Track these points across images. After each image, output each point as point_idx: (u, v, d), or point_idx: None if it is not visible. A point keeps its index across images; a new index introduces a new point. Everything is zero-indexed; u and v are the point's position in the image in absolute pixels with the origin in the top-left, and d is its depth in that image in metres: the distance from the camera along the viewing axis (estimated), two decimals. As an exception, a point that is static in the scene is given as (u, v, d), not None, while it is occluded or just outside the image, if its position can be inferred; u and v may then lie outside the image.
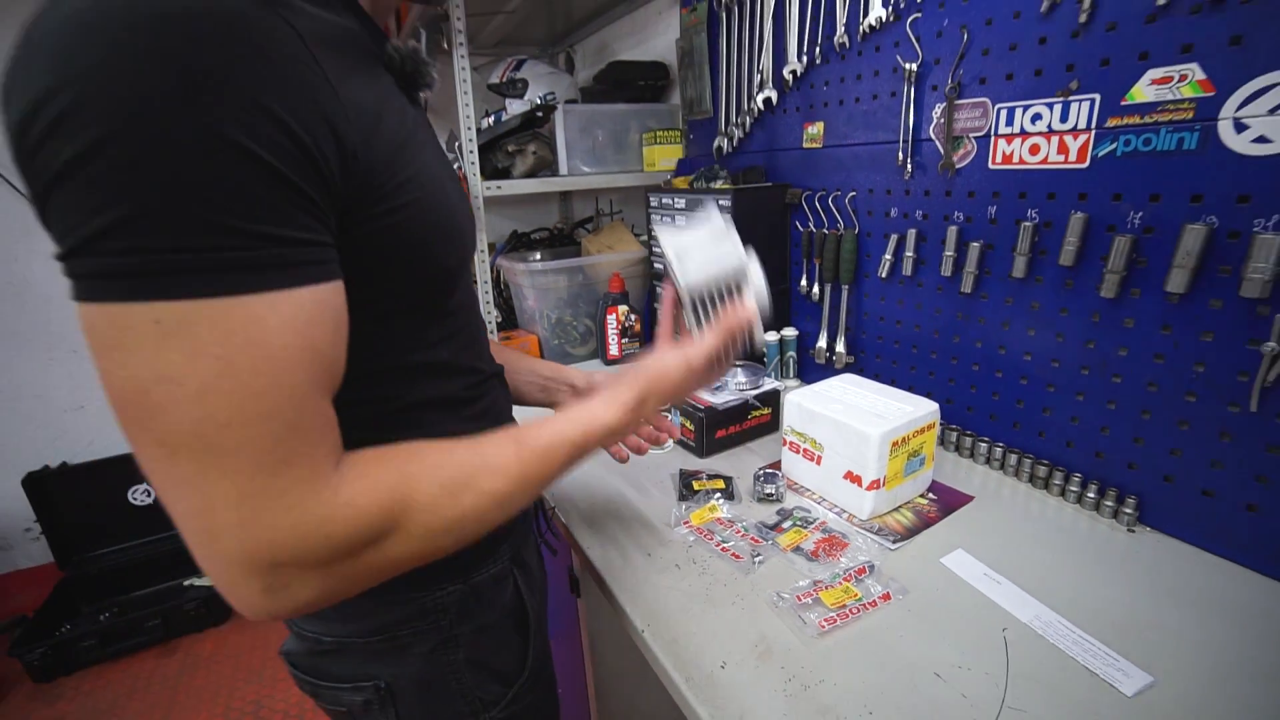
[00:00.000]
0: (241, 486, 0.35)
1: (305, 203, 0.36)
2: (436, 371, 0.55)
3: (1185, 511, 0.81)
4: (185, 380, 0.33)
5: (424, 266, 0.49)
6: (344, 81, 0.40)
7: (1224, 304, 0.72)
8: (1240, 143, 0.68)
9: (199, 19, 0.32)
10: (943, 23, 0.97)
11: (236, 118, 0.33)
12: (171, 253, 0.32)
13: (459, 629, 0.62)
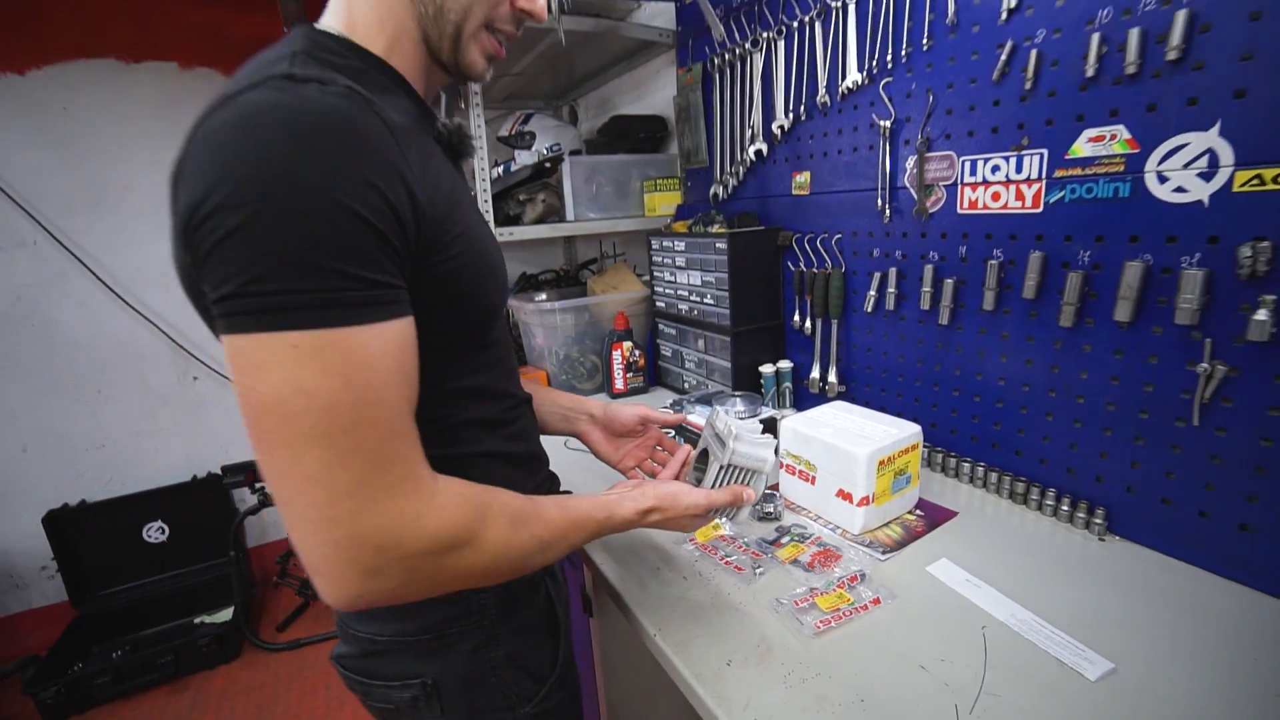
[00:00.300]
0: (357, 480, 0.44)
1: (394, 254, 0.46)
2: (479, 395, 0.64)
3: (1147, 519, 0.88)
4: (317, 393, 0.42)
5: (471, 304, 0.59)
6: (414, 157, 0.51)
7: (1164, 330, 0.82)
8: (1164, 192, 0.79)
9: (321, 122, 0.43)
10: (911, 86, 1.10)
11: (350, 191, 0.43)
12: (304, 293, 0.42)
13: (499, 628, 0.69)
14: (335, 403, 0.43)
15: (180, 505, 2.40)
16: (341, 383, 0.43)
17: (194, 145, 0.44)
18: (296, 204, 0.41)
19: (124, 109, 2.14)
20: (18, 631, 2.24)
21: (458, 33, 0.59)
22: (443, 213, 0.53)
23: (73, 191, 2.11)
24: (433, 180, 0.53)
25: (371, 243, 0.44)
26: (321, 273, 0.42)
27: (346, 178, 0.43)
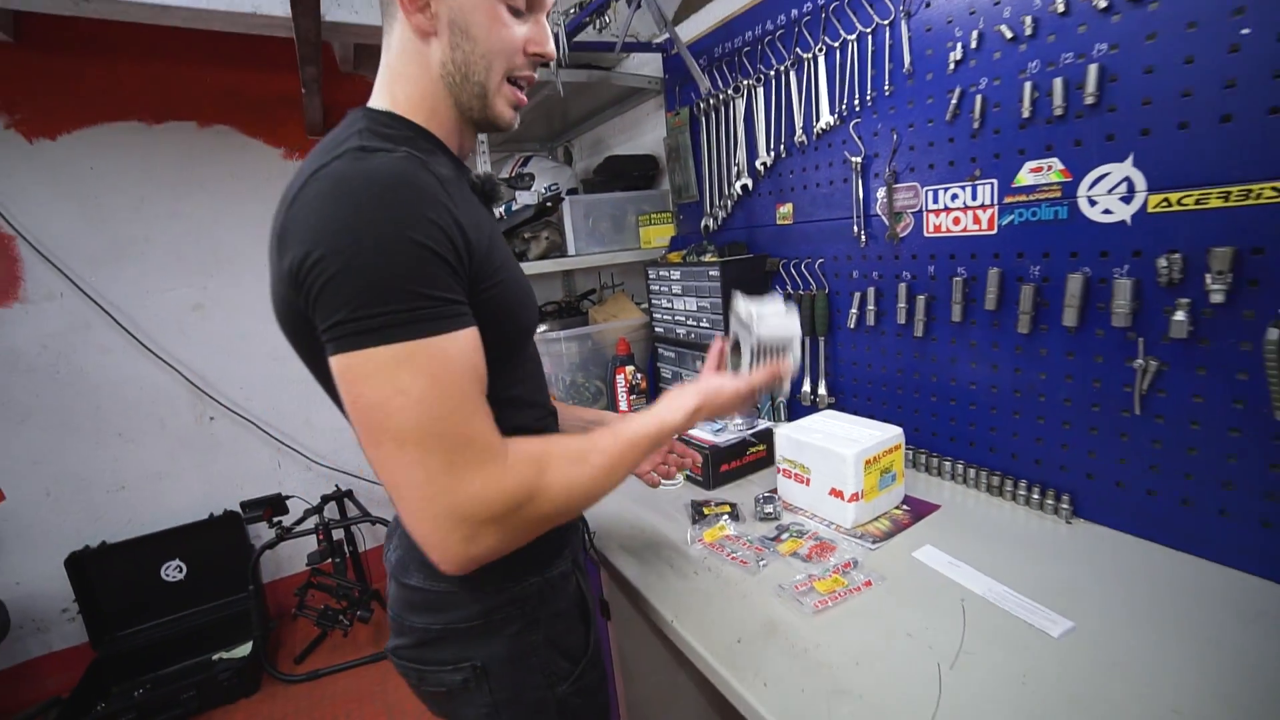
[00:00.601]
0: (449, 459, 0.55)
1: (456, 277, 0.58)
2: (516, 404, 0.75)
3: (1106, 502, 0.99)
4: (411, 391, 0.53)
5: (512, 324, 0.70)
6: (460, 204, 0.62)
7: (1105, 332, 0.94)
8: (1095, 213, 0.91)
9: (390, 181, 0.55)
10: (877, 126, 1.23)
11: (418, 230, 0.55)
12: (394, 313, 0.53)
13: (539, 613, 0.78)
14: (426, 397, 0.54)
15: (197, 544, 2.45)
16: (429, 381, 0.54)
17: (294, 211, 0.56)
18: (380, 246, 0.53)
19: (146, 166, 2.27)
20: (37, 675, 2.26)
21: (484, 91, 0.70)
22: (485, 249, 0.65)
23: (97, 245, 2.23)
24: (475, 222, 0.65)
25: (440, 268, 0.56)
26: (406, 296, 0.54)
27: (414, 220, 0.55)
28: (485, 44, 0.68)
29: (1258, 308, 0.78)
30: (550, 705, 0.80)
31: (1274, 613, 0.76)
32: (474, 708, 0.77)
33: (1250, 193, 0.76)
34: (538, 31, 0.71)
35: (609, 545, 1.11)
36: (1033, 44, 0.95)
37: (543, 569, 0.79)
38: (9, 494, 2.17)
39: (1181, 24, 0.79)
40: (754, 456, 1.35)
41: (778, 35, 1.40)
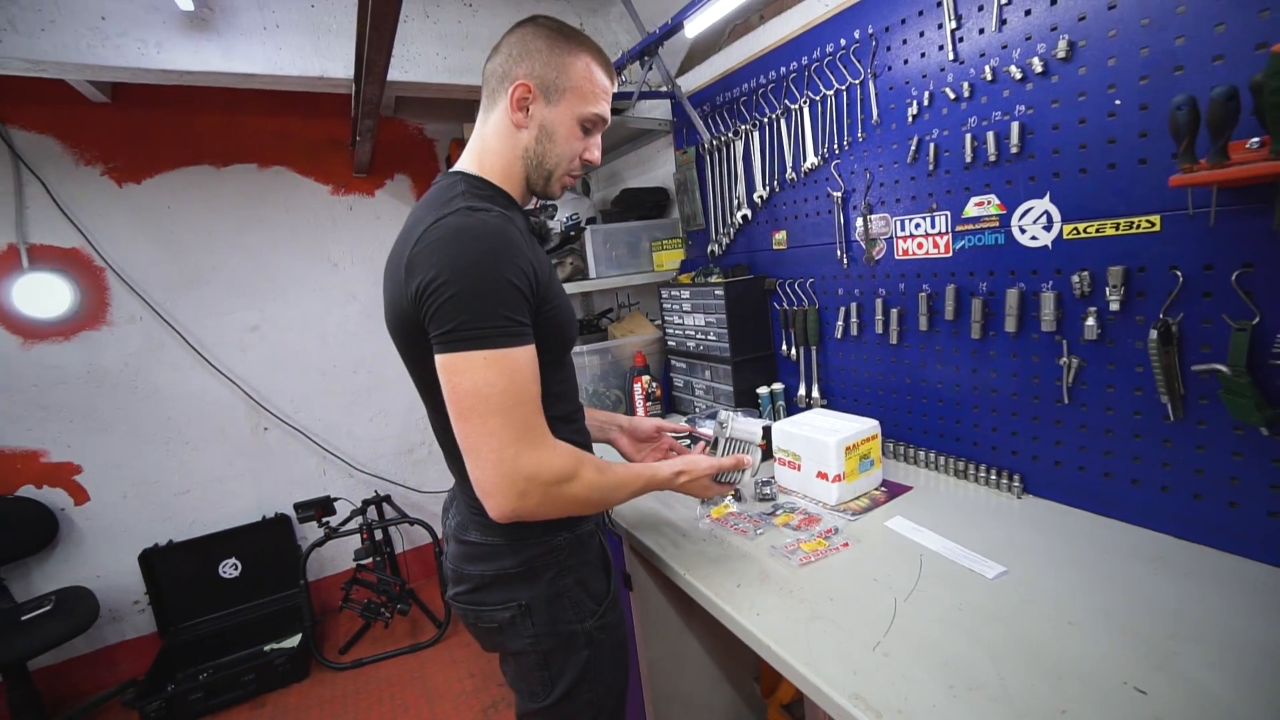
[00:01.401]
0: (516, 436, 0.77)
1: (527, 306, 0.81)
2: (561, 398, 0.97)
3: (1048, 480, 1.18)
4: (496, 384, 0.76)
5: (559, 338, 0.92)
6: (531, 247, 0.85)
7: (1039, 336, 1.14)
8: (1025, 239, 1.12)
9: (494, 235, 0.78)
10: (854, 166, 1.46)
11: (511, 272, 0.78)
12: (489, 329, 0.75)
13: (570, 561, 0.98)
14: (505, 390, 0.76)
15: (251, 543, 2.68)
16: (508, 379, 0.77)
17: (418, 248, 0.79)
18: (484, 281, 0.76)
19: (214, 204, 2.55)
20: (112, 662, 2.49)
21: (550, 176, 0.95)
22: (545, 281, 0.87)
23: (172, 274, 2.50)
24: (539, 260, 0.87)
25: (520, 300, 0.79)
26: (498, 318, 0.76)
27: (508, 265, 0.78)
28: (562, 147, 0.93)
29: (1146, 314, 0.98)
30: (580, 636, 0.97)
31: (1167, 556, 0.95)
32: (520, 639, 0.96)
33: (1132, 224, 0.96)
34: (593, 146, 0.97)
35: (635, 527, 1.32)
36: (970, 103, 1.17)
37: (574, 528, 0.97)
38: (92, 495, 2.43)
39: (1075, 93, 1.01)
40: (755, 450, 1.55)
41: (769, 88, 1.64)
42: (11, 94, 2.19)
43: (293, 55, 1.79)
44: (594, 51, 0.94)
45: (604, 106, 0.95)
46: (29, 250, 2.28)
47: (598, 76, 0.93)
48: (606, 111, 0.95)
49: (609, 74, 0.95)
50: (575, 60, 0.91)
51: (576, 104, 0.91)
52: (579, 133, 0.93)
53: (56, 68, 1.65)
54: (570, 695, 0.96)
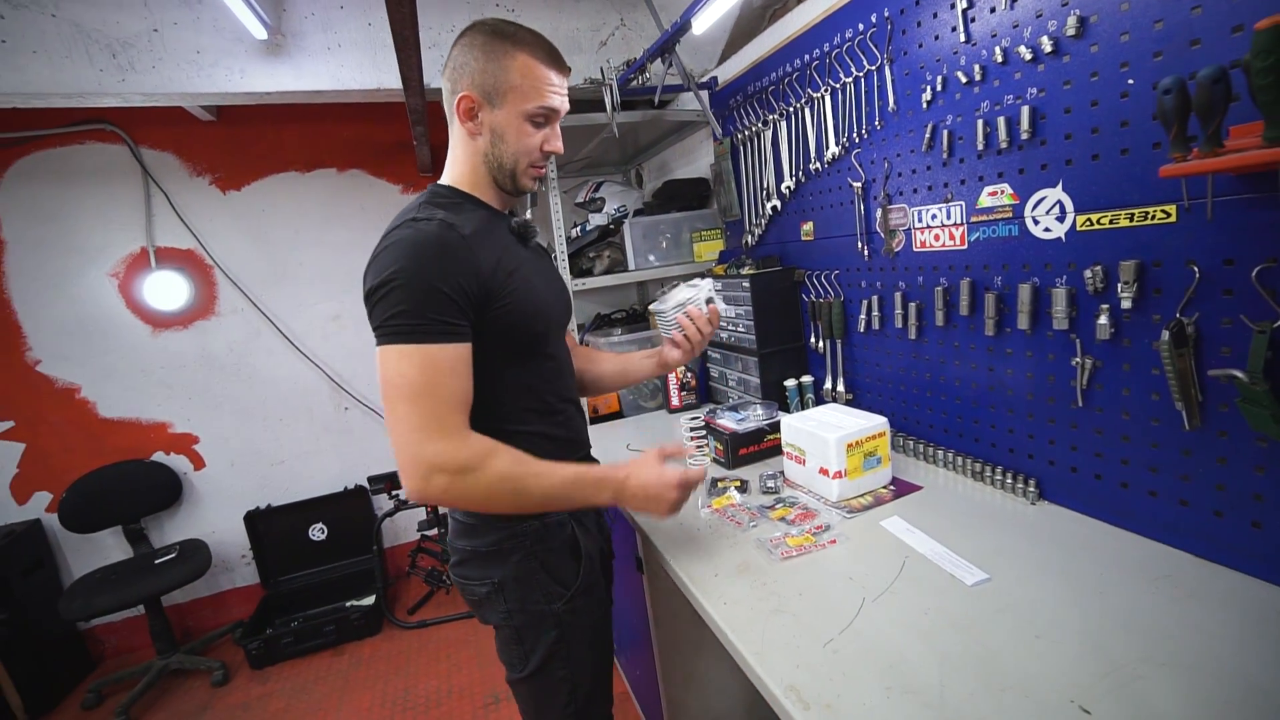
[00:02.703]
0: (423, 424, 0.84)
1: (457, 308, 0.86)
2: (530, 392, 1.01)
3: (1065, 486, 1.11)
4: (408, 374, 0.84)
5: (521, 332, 0.96)
6: (483, 248, 0.91)
7: (1053, 334, 1.07)
8: (1038, 231, 1.05)
9: (425, 242, 0.86)
10: (874, 155, 1.41)
11: (436, 276, 0.84)
12: (407, 325, 0.83)
13: (535, 547, 1.01)
14: (414, 381, 0.84)
15: (334, 511, 3.00)
16: (418, 371, 0.84)
17: (371, 260, 0.89)
18: (408, 285, 0.84)
19: (300, 206, 2.85)
20: (226, 604, 2.91)
21: (513, 174, 0.98)
22: (501, 279, 0.92)
23: (266, 270, 2.83)
24: (495, 260, 0.92)
25: (444, 302, 0.85)
26: (418, 317, 0.84)
27: (435, 270, 0.85)
28: (514, 146, 0.96)
29: (1162, 312, 0.90)
30: (549, 617, 1.02)
31: (1176, 575, 0.88)
32: (496, 613, 1.03)
33: (1147, 214, 0.88)
34: (551, 135, 0.98)
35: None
36: (983, 87, 1.10)
37: (541, 515, 1.01)
38: (207, 462, 2.82)
39: (1087, 73, 0.93)
40: (771, 443, 1.55)
41: (794, 77, 1.61)
42: (140, 119, 2.55)
43: (353, 71, 1.96)
44: (531, 46, 0.93)
45: (551, 98, 0.95)
46: (156, 252, 2.66)
47: (538, 71, 0.93)
48: (555, 101, 0.96)
49: (553, 63, 0.95)
50: (511, 61, 0.92)
51: (519, 102, 0.93)
52: (529, 129, 0.95)
53: (164, 97, 1.91)
54: (544, 670, 1.03)
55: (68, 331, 2.59)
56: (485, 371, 0.93)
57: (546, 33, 2.10)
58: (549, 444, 1.03)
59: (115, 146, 2.57)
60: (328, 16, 1.91)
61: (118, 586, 2.34)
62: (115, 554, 2.68)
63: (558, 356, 1.08)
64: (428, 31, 1.99)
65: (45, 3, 1.75)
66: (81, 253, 2.58)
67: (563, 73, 0.97)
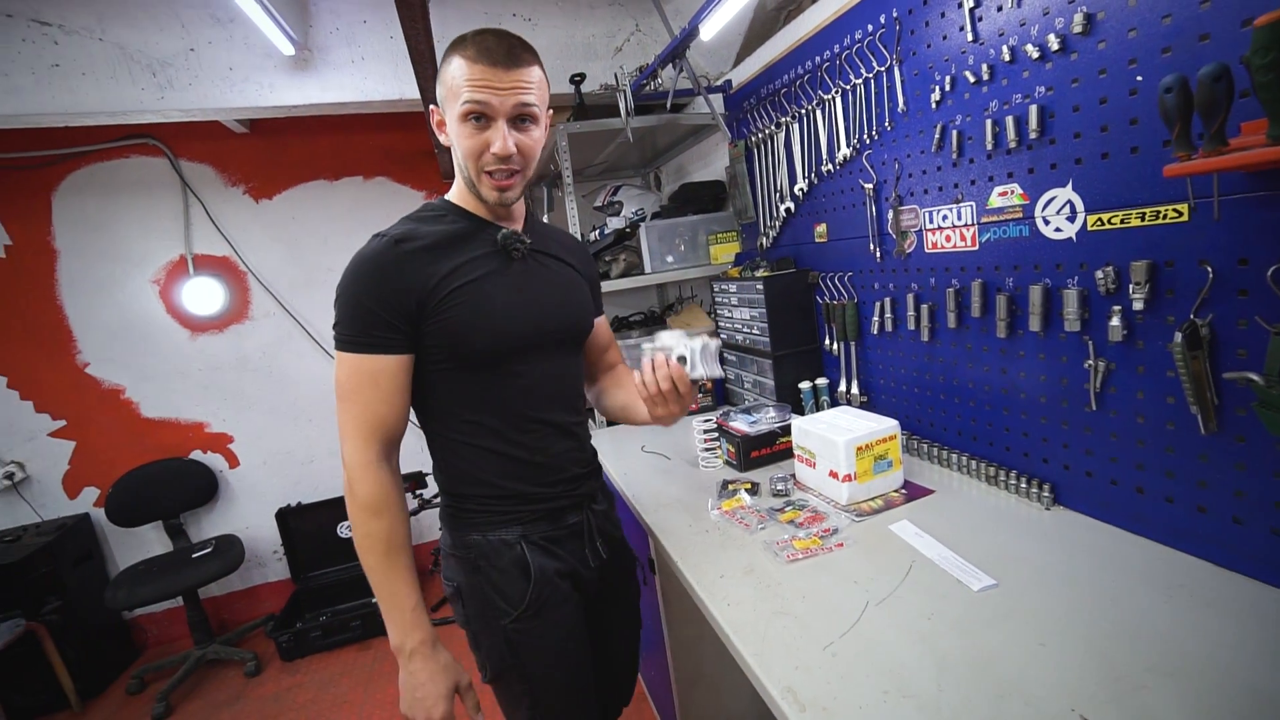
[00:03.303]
0: (346, 422, 0.91)
1: (384, 322, 0.89)
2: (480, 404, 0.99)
3: (1080, 491, 1.09)
4: (340, 379, 0.91)
5: (457, 347, 0.94)
6: (431, 262, 0.92)
7: (1065, 336, 1.05)
8: (1049, 231, 1.04)
9: (364, 258, 0.91)
10: (884, 156, 1.40)
11: (365, 293, 0.89)
12: (345, 336, 0.90)
13: (479, 562, 1.00)
14: (344, 385, 0.91)
15: (363, 509, 3.09)
16: (346, 376, 0.91)
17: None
18: (344, 298, 0.91)
19: (328, 213, 2.94)
20: (259, 598, 3.02)
21: (472, 181, 0.95)
22: (443, 291, 0.92)
23: (296, 275, 2.93)
24: (444, 272, 0.92)
25: (371, 316, 0.89)
26: (350, 328, 0.90)
27: (364, 287, 0.90)
28: (461, 149, 0.93)
29: (1176, 314, 0.88)
30: (499, 632, 1.00)
31: (1192, 584, 0.86)
32: (459, 615, 1.04)
33: (1158, 213, 0.86)
34: (493, 136, 0.90)
35: (651, 510, 1.39)
36: (991, 86, 1.09)
37: (485, 532, 1.00)
38: (241, 460, 2.93)
39: (1095, 70, 0.91)
40: (783, 446, 1.55)
41: (806, 79, 1.60)
42: (179, 133, 2.68)
43: (376, 82, 2.03)
44: (464, 46, 0.89)
45: (478, 93, 0.88)
46: (194, 259, 2.78)
47: (465, 70, 0.88)
48: (481, 95, 0.88)
49: (484, 59, 0.87)
50: (447, 67, 0.91)
51: (453, 103, 0.90)
52: (468, 129, 0.90)
53: (200, 112, 2.01)
54: (501, 681, 1.04)
55: (113, 335, 2.72)
56: (429, 379, 0.97)
57: (562, 40, 2.14)
58: (502, 461, 1.01)
59: (157, 160, 2.69)
60: (352, 31, 1.98)
61: (158, 578, 2.45)
62: (156, 547, 2.81)
63: (526, 375, 1.01)
64: (444, 43, 2.03)
65: (94, 27, 1.85)
66: (126, 260, 2.71)
67: (500, 66, 0.88)
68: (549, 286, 1.06)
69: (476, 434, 1.00)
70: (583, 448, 1.12)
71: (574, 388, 1.12)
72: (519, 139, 0.92)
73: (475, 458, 1.00)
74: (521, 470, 1.02)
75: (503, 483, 1.01)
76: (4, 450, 2.66)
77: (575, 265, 1.14)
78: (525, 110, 0.91)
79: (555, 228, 1.20)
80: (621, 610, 1.23)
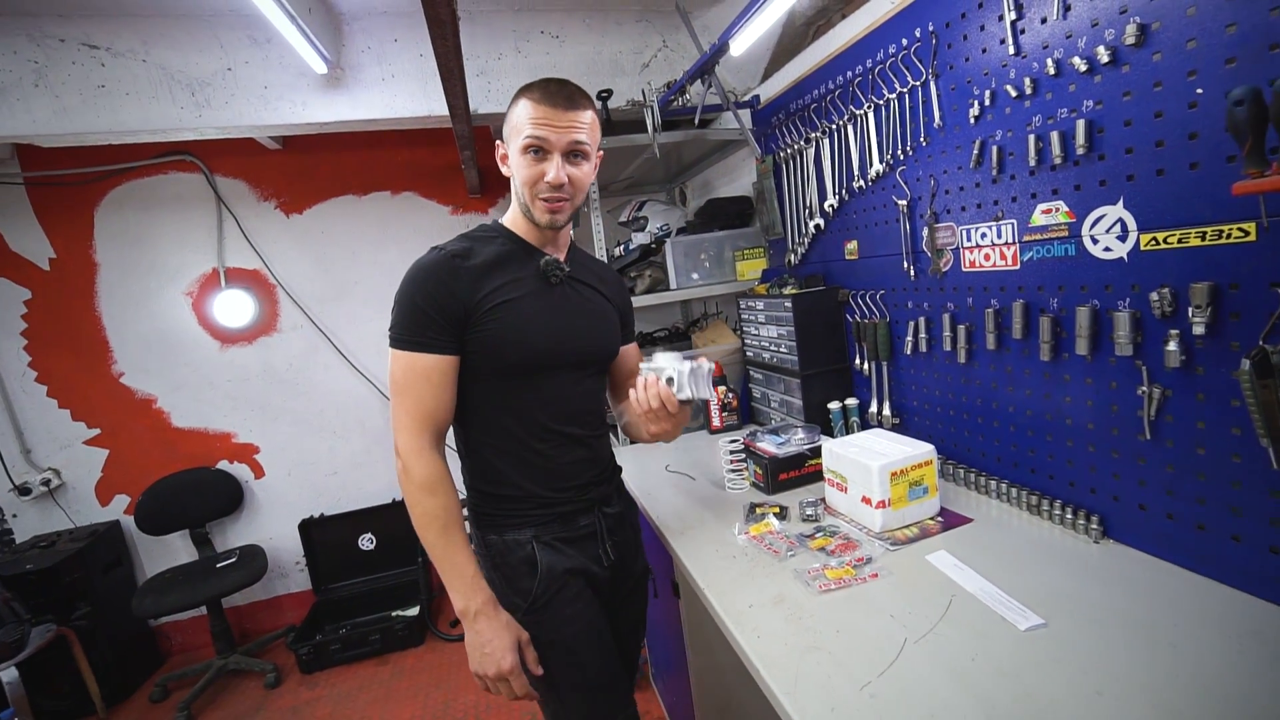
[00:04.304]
0: (399, 415, 1.02)
1: (437, 325, 1.00)
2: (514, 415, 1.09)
3: (1132, 524, 1.02)
4: (395, 374, 1.02)
5: (495, 359, 1.05)
6: (481, 277, 1.03)
7: (1115, 361, 0.99)
8: (1097, 250, 0.99)
9: (420, 266, 1.04)
10: (919, 172, 1.36)
11: (420, 296, 1.01)
12: (401, 336, 1.01)
13: (497, 559, 1.11)
14: (398, 380, 1.01)
15: (382, 522, 3.09)
16: (401, 373, 1.01)
17: None
18: (401, 301, 1.02)
19: (356, 228, 2.99)
20: (280, 609, 3.03)
21: (528, 207, 1.07)
22: (487, 305, 1.03)
23: (324, 288, 2.97)
24: (490, 288, 1.03)
25: (424, 318, 1.00)
26: (404, 329, 1.01)
27: (419, 290, 1.01)
28: (521, 178, 1.06)
29: (1241, 339, 0.82)
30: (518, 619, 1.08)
31: (1264, 631, 0.80)
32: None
33: (1221, 233, 0.82)
34: (549, 168, 1.02)
35: (676, 533, 1.35)
36: (1035, 101, 1.05)
37: (502, 532, 1.11)
38: (267, 471, 2.96)
39: (1149, 83, 0.87)
40: (811, 468, 1.51)
41: (836, 94, 1.58)
42: (215, 150, 2.75)
43: (405, 100, 2.06)
44: (531, 89, 1.03)
45: (539, 129, 1.01)
46: (226, 272, 2.84)
47: (530, 110, 1.01)
48: (542, 132, 1.01)
49: (547, 101, 1.01)
50: (514, 108, 1.05)
51: (515, 138, 1.04)
52: (528, 160, 1.03)
53: (236, 129, 2.06)
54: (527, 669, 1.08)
55: (147, 346, 2.78)
56: (465, 384, 1.07)
57: (589, 57, 2.15)
58: (519, 464, 1.11)
59: (193, 175, 2.77)
60: (383, 50, 2.01)
61: (183, 587, 2.47)
62: (182, 556, 2.85)
63: (549, 389, 1.11)
64: (474, 60, 2.06)
65: (138, 50, 1.91)
66: (162, 273, 2.78)
67: (560, 108, 1.01)
68: (580, 312, 1.16)
69: (500, 437, 1.10)
70: (595, 458, 1.20)
71: (592, 405, 1.20)
72: (571, 171, 1.04)
73: (495, 459, 1.11)
74: (535, 474, 1.12)
75: (518, 482, 1.10)
76: (42, 457, 2.72)
77: (608, 295, 1.24)
78: (578, 147, 1.04)
79: (594, 259, 1.31)
80: (626, 616, 1.29)
